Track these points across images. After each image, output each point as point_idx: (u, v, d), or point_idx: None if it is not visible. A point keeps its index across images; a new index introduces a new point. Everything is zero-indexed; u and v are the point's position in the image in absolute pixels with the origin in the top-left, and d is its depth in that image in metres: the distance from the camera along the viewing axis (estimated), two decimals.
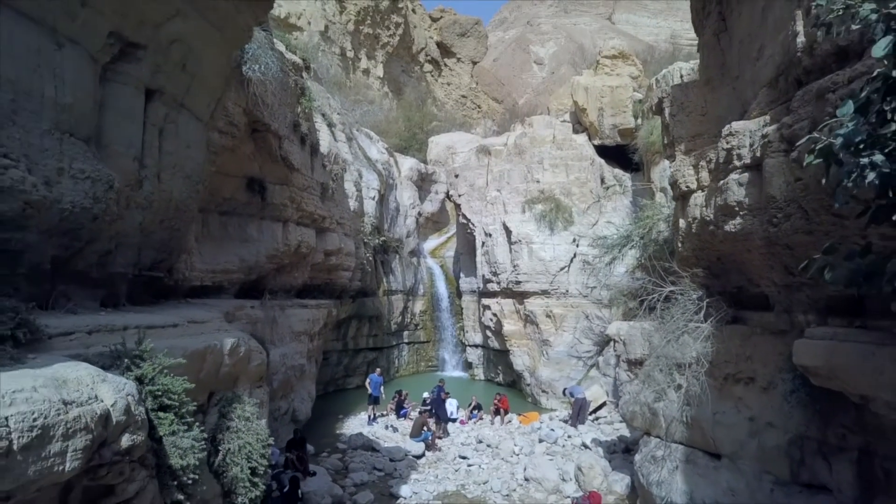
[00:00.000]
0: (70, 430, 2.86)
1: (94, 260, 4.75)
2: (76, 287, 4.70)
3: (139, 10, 4.67)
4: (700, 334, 9.24)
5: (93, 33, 4.37)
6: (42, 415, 2.73)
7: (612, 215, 21.11)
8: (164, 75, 5.23)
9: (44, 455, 2.72)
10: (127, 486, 3.44)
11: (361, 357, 22.28)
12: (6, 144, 3.66)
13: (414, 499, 11.18)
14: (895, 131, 3.18)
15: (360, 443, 13.95)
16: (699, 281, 9.85)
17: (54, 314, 4.27)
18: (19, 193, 3.74)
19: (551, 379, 19.73)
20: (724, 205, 7.89)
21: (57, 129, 4.09)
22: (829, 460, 7.43)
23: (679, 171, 10.02)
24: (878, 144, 3.16)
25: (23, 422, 2.64)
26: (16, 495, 2.73)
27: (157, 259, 5.87)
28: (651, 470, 10.29)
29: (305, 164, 14.10)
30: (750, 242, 7.77)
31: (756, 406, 8.45)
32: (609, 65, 24.54)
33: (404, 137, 35.27)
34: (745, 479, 8.59)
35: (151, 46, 4.93)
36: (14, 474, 2.60)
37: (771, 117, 7.35)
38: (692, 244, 9.59)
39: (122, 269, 5.18)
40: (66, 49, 4.17)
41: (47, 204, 3.96)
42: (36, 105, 3.89)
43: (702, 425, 9.30)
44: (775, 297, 8.21)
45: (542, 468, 12.11)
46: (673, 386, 9.72)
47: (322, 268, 16.44)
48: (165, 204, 5.49)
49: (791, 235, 6.87)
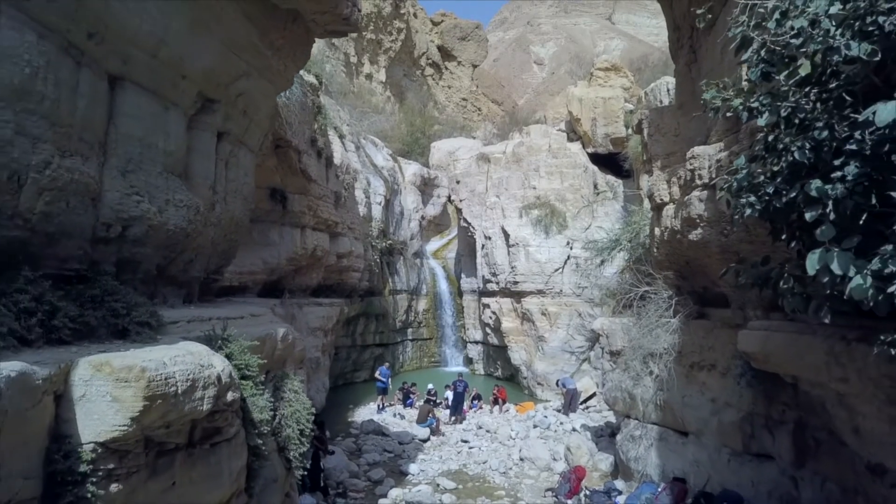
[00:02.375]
0: (205, 384, 4.24)
1: (182, 267, 6.12)
2: (169, 288, 6.07)
3: (217, 75, 6.04)
4: (670, 328, 10.63)
5: (186, 96, 5.74)
6: (192, 372, 4.12)
7: (603, 220, 22.48)
8: (231, 121, 6.61)
9: (192, 398, 4.10)
10: (229, 428, 4.82)
11: (369, 353, 23.68)
12: (136, 185, 5.04)
13: (421, 476, 12.55)
14: (769, 176, 4.58)
15: (371, 428, 15.35)
16: (671, 282, 11.23)
17: (159, 308, 5.67)
18: (145, 220, 5.11)
19: (546, 372, 21.13)
20: (688, 217, 9.24)
21: (165, 170, 5.45)
22: (773, 433, 8.82)
23: (655, 185, 11.39)
24: (753, 189, 4.56)
25: (182, 376, 4.03)
26: (174, 424, 4.15)
27: (220, 265, 7.26)
28: (630, 447, 11.69)
29: (321, 175, 15.49)
30: (709, 249, 9.13)
31: (716, 389, 9.83)
32: (602, 76, 25.91)
33: (407, 142, 36.57)
34: (707, 451, 10.00)
35: (223, 100, 6.31)
36: (178, 410, 4.00)
37: (724, 144, 8.71)
38: (665, 250, 10.96)
39: (197, 273, 6.55)
40: (170, 110, 5.53)
41: (159, 226, 5.33)
42: (153, 154, 5.26)
43: (672, 407, 10.70)
44: (732, 297, 9.59)
45: (535, 449, 13.53)
46: (647, 373, 11.13)
47: (334, 269, 17.83)
48: (229, 221, 6.88)
49: (738, 244, 8.24)
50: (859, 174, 3.90)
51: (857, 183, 3.92)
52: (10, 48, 3.75)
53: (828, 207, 4.08)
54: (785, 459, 8.64)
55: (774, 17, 4.01)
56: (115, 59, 4.79)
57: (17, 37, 3.79)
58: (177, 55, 5.38)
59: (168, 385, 3.92)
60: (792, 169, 4.34)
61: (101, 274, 4.83)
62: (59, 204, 4.29)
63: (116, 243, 5.01)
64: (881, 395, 5.78)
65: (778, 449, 8.72)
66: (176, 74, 5.48)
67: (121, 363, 3.74)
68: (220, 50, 5.95)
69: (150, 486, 4.12)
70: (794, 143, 4.20)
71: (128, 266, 5.32)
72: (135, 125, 5.06)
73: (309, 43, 7.79)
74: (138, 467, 4.01)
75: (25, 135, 3.90)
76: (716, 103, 4.76)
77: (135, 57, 4.94)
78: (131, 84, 5.08)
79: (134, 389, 3.71)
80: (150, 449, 4.14)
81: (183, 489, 4.42)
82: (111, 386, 3.69)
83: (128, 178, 4.96)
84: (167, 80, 5.39)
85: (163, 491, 4.24)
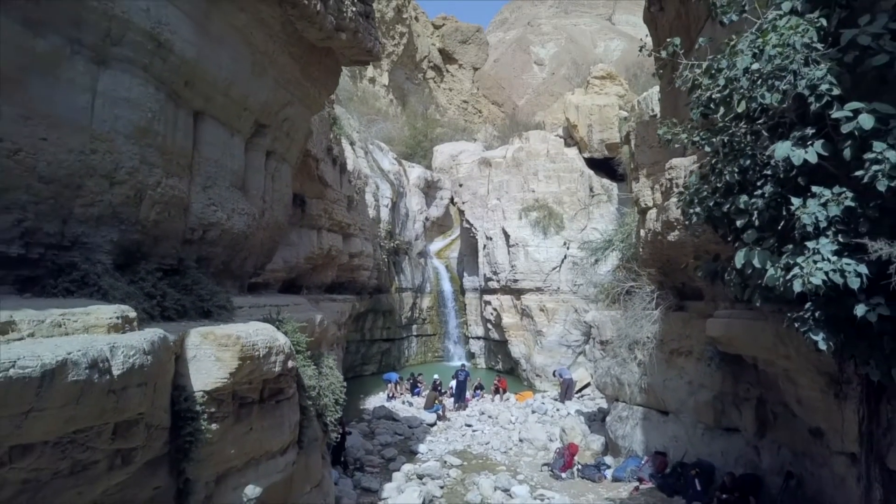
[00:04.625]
0: (277, 351, 5.52)
1: (239, 263, 7.39)
2: (229, 280, 7.33)
3: (269, 106, 7.32)
4: (653, 319, 11.93)
5: (246, 124, 7.01)
6: (268, 341, 5.40)
7: (598, 221, 23.79)
8: (277, 141, 7.89)
9: (269, 362, 5.39)
10: (289, 389, 6.10)
11: (376, 347, 24.98)
12: (213, 197, 6.33)
13: (429, 454, 13.85)
14: (711, 191, 5.87)
15: (383, 414, 16.66)
16: (654, 278, 12.53)
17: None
18: (219, 225, 6.39)
19: (544, 365, 22.44)
20: (667, 221, 10.50)
21: (231, 185, 6.73)
22: (739, 409, 10.12)
23: (640, 192, 12.68)
24: (699, 202, 5.86)
25: (263, 343, 5.32)
26: (254, 382, 5.44)
27: (263, 262, 8.56)
28: (618, 427, 12.99)
29: (336, 181, 16.78)
30: (685, 249, 10.40)
31: (693, 372, 11.12)
32: (598, 84, 27.21)
33: (410, 145, 37.83)
34: (685, 427, 11.30)
35: (272, 125, 7.59)
36: (259, 369, 5.29)
37: (697, 157, 9.98)
38: (649, 249, 12.24)
39: (249, 268, 7.83)
40: (234, 136, 6.80)
41: (228, 230, 6.61)
42: (224, 172, 6.53)
43: (655, 390, 11.99)
44: (705, 290, 10.87)
45: (533, 431, 14.83)
46: (633, 360, 12.43)
47: (347, 268, 19.11)
48: (273, 225, 8.16)
49: (708, 245, 9.50)
50: (773, 192, 5.21)
51: (772, 199, 5.22)
52: (138, 99, 5.04)
53: (752, 216, 5.39)
54: (749, 431, 9.95)
55: (708, 73, 5.31)
56: (199, 99, 6.07)
57: (143, 90, 5.08)
58: (242, 93, 6.67)
59: (254, 349, 5.21)
60: (727, 187, 5.65)
61: (188, 268, 6.13)
62: (164, 213, 5.58)
63: (197, 244, 6.30)
64: (811, 367, 7.10)
65: (744, 423, 10.03)
66: (240, 108, 6.78)
67: (222, 332, 5.03)
68: (272, 86, 7.25)
69: (235, 429, 5.40)
70: (727, 168, 5.50)
71: (204, 262, 6.61)
72: (212, 150, 6.36)
73: (338, 72, 9.08)
74: (229, 414, 5.29)
75: (146, 163, 5.20)
76: (668, 137, 6.07)
77: (213, 97, 6.23)
78: (210, 118, 6.38)
79: (231, 352, 5.00)
80: (235, 401, 5.42)
81: (257, 434, 5.71)
82: (215, 349, 4.98)
83: (207, 192, 6.25)
84: (234, 113, 6.69)
85: (244, 434, 5.52)
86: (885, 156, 4.28)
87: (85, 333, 3.69)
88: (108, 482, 4.00)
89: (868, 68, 4.63)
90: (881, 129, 4.42)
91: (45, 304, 3.88)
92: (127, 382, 3.64)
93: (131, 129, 4.96)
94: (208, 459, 5.04)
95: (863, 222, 4.60)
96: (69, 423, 3.28)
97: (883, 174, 4.28)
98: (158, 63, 5.20)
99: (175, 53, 5.35)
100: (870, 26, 4.63)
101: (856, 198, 4.59)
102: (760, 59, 4.82)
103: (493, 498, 11.07)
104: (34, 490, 3.48)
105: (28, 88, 4.12)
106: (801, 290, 4.65)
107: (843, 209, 4.59)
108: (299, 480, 6.69)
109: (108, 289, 4.49)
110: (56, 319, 3.57)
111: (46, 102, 4.26)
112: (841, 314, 4.86)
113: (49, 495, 3.59)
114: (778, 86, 4.88)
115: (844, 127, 4.50)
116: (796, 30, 4.73)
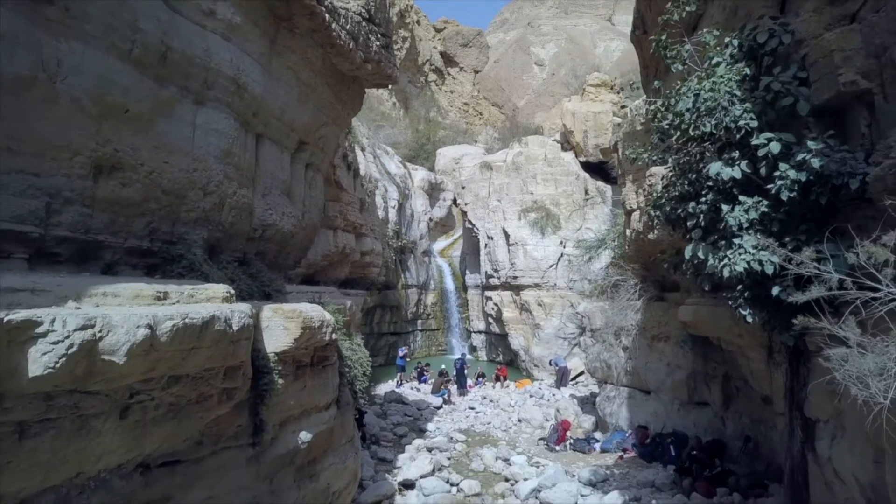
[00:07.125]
0: (326, 324, 7.04)
1: (285, 257, 8.91)
2: (276, 272, 8.87)
3: (310, 127, 8.85)
4: (636, 308, 13.45)
5: (292, 142, 8.53)
6: (320, 317, 6.91)
7: (593, 222, 25.31)
8: (314, 155, 9.41)
9: (322, 332, 6.89)
10: (332, 356, 7.61)
11: (384, 340, 26.51)
12: (269, 203, 7.85)
13: (437, 432, 15.35)
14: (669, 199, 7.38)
15: (393, 398, 18.18)
16: (638, 272, 14.05)
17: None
18: (274, 226, 7.91)
19: (542, 356, 23.95)
20: (648, 221, 12.02)
21: (281, 193, 8.25)
22: (709, 385, 11.63)
23: (626, 195, 14.17)
24: (660, 207, 7.38)
25: (317, 318, 6.83)
26: (308, 349, 6.95)
27: (300, 257, 10.09)
28: (606, 406, 14.51)
29: (350, 185, 18.30)
30: (662, 246, 11.87)
31: (670, 355, 12.63)
32: (593, 92, 28.73)
33: (413, 148, 39.34)
34: (663, 404, 12.82)
35: (311, 142, 9.11)
36: (315, 338, 6.80)
37: None
38: (633, 247, 13.75)
39: (290, 262, 9.37)
40: (283, 153, 8.32)
41: (280, 230, 8.12)
42: (276, 182, 8.05)
43: (638, 372, 13.51)
44: (681, 282, 12.39)
45: (530, 412, 16.36)
46: (619, 346, 13.94)
47: (358, 265, 20.63)
48: (310, 226, 9.68)
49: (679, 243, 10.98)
50: (713, 200, 6.72)
51: (712, 205, 6.73)
52: (224, 129, 6.56)
53: (698, 219, 6.90)
54: (716, 405, 11.47)
55: (659, 111, 6.83)
56: (261, 125, 7.59)
57: (227, 122, 6.60)
58: (291, 118, 8.19)
59: (312, 321, 6.73)
60: (680, 195, 7.16)
61: (251, 260, 7.65)
62: (237, 216, 7.10)
63: (257, 241, 7.82)
64: (757, 343, 8.61)
65: (712, 397, 11.55)
66: (289, 129, 8.30)
67: (288, 307, 6.55)
68: (313, 111, 8.77)
69: (294, 385, 6.91)
70: (679, 181, 7.02)
71: (260, 256, 8.14)
72: (268, 164, 7.88)
73: (362, 95, 10.61)
74: (290, 373, 6.79)
75: (227, 177, 6.71)
76: (633, 156, 7.58)
77: (270, 122, 7.75)
78: (267, 139, 7.90)
79: (296, 322, 6.51)
80: (294, 363, 6.93)
81: (309, 391, 7.22)
82: (283, 320, 6.49)
83: (265, 199, 7.77)
84: (284, 134, 8.21)
85: (300, 389, 7.03)
86: (786, 174, 5.80)
87: (207, 303, 5.20)
88: (216, 412, 5.50)
89: (780, 107, 6.16)
90: (786, 153, 5.94)
91: (173, 284, 5.39)
92: (240, 336, 5.15)
93: (219, 152, 6.48)
94: (276, 406, 6.55)
95: (774, 223, 6.11)
96: (209, 360, 4.78)
97: (786, 187, 5.80)
98: (237, 100, 6.72)
99: (248, 91, 6.87)
100: (782, 74, 6.16)
101: (769, 205, 6.10)
102: (697, 100, 6.34)
103: (494, 466, 12.58)
104: (175, 411, 4.97)
105: (157, 126, 5.64)
106: (728, 275, 6.17)
107: (760, 213, 6.10)
108: (338, 433, 8.20)
109: (209, 273, 6.01)
110: (189, 292, 5.08)
111: (167, 135, 5.78)
112: (762, 294, 6.37)
113: (182, 417, 5.09)
114: (711, 121, 6.41)
115: (760, 151, 6.02)
116: (724, 78, 6.25)
